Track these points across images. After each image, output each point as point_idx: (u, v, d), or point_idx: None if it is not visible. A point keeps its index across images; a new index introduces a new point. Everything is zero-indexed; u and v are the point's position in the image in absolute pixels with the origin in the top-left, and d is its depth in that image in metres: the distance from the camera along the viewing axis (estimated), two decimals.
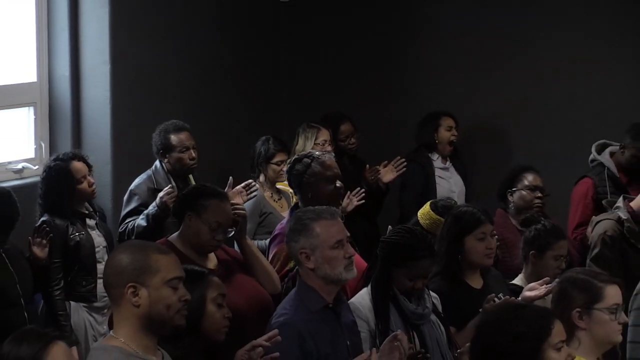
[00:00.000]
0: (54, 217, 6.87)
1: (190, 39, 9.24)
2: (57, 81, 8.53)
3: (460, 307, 5.72)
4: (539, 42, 9.62)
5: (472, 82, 9.78)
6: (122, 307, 4.02)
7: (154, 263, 4.03)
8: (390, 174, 8.35)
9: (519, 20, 9.66)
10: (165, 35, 9.01)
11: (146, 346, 4.02)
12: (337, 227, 5.11)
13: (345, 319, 5.16)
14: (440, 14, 9.90)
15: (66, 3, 8.41)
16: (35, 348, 3.67)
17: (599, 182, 7.89)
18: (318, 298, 5.05)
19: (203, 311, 4.59)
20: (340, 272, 5.04)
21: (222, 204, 5.81)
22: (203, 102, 9.28)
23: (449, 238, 5.91)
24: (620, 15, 9.41)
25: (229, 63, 9.64)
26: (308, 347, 4.91)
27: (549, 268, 6.25)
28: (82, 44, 8.51)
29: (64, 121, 8.50)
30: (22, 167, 8.25)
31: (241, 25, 9.79)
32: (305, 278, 5.10)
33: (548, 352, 3.93)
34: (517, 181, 7.61)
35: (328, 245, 5.03)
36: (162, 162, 7.70)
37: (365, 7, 10.09)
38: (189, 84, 9.22)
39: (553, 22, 9.56)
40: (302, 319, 4.98)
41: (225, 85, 9.59)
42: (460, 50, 9.83)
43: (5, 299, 6.46)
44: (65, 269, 6.86)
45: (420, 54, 9.96)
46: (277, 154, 8.05)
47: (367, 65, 10.11)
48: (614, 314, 4.54)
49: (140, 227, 7.24)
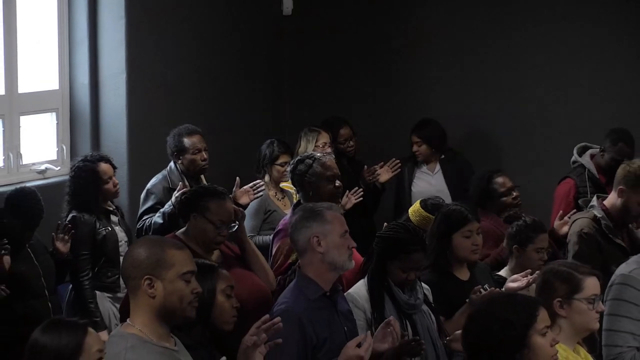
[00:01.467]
0: (82, 214, 6.89)
1: (200, 50, 9.25)
2: (77, 89, 8.57)
3: (449, 297, 5.74)
4: (524, 52, 9.63)
5: (461, 90, 9.80)
6: (139, 298, 4.02)
7: (170, 258, 4.03)
8: (386, 174, 8.36)
9: (506, 33, 9.68)
10: (177, 46, 9.03)
11: (160, 334, 4.02)
12: (343, 220, 5.14)
13: (341, 307, 5.15)
14: (432, 32, 9.89)
15: (85, 17, 8.45)
16: (76, 336, 3.66)
17: (580, 182, 7.89)
18: (316, 287, 5.04)
19: (213, 302, 4.58)
20: (344, 260, 5.04)
21: (223, 202, 5.80)
22: (213, 107, 9.28)
23: (438, 235, 5.92)
24: (599, 23, 9.41)
25: (236, 72, 9.65)
26: (308, 332, 4.90)
27: (532, 260, 6.25)
28: (100, 54, 8.54)
29: (83, 126, 8.53)
30: (46, 168, 8.28)
31: (248, 37, 9.80)
32: (306, 268, 5.08)
33: (534, 337, 3.97)
34: (494, 188, 7.39)
35: (338, 233, 5.05)
36: (176, 163, 7.69)
37: (363, 22, 10.08)
38: (200, 92, 9.24)
39: (538, 33, 9.56)
40: (301, 307, 4.97)
41: (233, 92, 9.60)
42: (450, 63, 9.84)
43: (30, 291, 6.49)
44: (92, 261, 6.87)
45: (414, 66, 9.95)
46: (281, 155, 8.03)
47: (365, 74, 10.11)
48: (592, 303, 4.55)
49: (157, 224, 7.23)
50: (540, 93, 9.57)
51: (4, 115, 8.06)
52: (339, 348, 4.83)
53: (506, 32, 9.63)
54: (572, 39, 9.45)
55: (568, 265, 4.73)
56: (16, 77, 8.14)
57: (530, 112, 9.60)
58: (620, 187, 6.65)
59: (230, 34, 9.57)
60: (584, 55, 9.45)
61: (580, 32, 9.43)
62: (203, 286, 4.42)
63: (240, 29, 9.69)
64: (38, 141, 8.39)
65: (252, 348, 4.23)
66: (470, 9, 9.76)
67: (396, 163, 8.36)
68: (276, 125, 9.75)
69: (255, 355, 4.24)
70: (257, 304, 5.40)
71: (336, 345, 4.89)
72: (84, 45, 8.48)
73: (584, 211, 6.91)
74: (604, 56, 9.40)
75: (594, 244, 6.57)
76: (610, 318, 5.05)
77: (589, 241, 6.57)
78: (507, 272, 6.27)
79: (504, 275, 6.22)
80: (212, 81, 9.37)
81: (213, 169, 7.97)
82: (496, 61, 9.70)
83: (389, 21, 10.00)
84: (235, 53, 9.64)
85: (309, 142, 8.45)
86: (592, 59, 9.43)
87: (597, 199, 6.78)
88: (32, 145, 8.30)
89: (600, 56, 9.41)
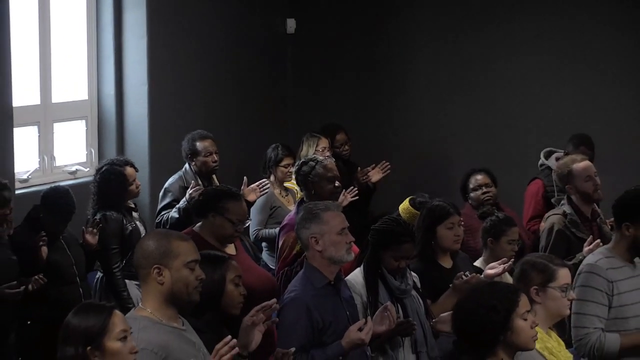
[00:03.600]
0: (111, 212, 6.85)
1: (212, 64, 9.27)
2: (104, 99, 8.60)
3: (434, 283, 5.70)
4: (498, 66, 9.62)
5: (444, 100, 9.82)
6: (149, 285, 4.00)
7: (175, 248, 4.00)
8: (377, 175, 8.35)
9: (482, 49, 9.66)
10: (193, 62, 9.06)
11: (169, 315, 3.99)
12: (341, 218, 5.08)
13: (344, 294, 5.13)
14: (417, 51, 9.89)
15: (112, 35, 8.50)
16: (102, 317, 3.63)
17: (547, 183, 7.83)
18: (321, 277, 5.01)
19: (223, 289, 4.53)
20: (342, 254, 5.01)
21: (240, 203, 5.77)
22: (224, 116, 9.29)
23: (424, 227, 5.88)
24: (565, 40, 9.40)
25: (245, 84, 9.64)
26: (314, 317, 4.89)
27: (505, 251, 6.20)
28: (124, 68, 8.59)
29: (110, 131, 8.56)
30: (76, 170, 8.31)
31: (255, 53, 9.81)
32: (311, 260, 5.06)
33: (517, 320, 3.96)
34: (469, 184, 7.50)
35: (335, 232, 5.00)
36: (190, 164, 7.67)
37: (357, 41, 10.07)
38: (213, 102, 9.25)
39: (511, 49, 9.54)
40: (308, 294, 4.95)
41: (242, 102, 9.60)
42: (433, 78, 9.84)
43: (63, 278, 6.48)
44: (122, 253, 6.83)
45: (401, 80, 9.94)
46: (285, 158, 8.00)
47: (359, 86, 10.10)
48: (564, 292, 4.51)
49: (174, 218, 7.23)
50: (513, 104, 9.57)
51: (40, 123, 8.11)
52: (342, 331, 4.88)
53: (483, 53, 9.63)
54: (541, 55, 9.44)
55: (543, 257, 4.70)
56: (50, 89, 8.19)
57: (503, 121, 9.60)
58: (567, 186, 6.70)
59: (239, 50, 9.58)
60: (550, 69, 9.45)
61: (548, 49, 9.42)
62: (214, 275, 4.46)
63: (248, 46, 9.70)
64: (69, 145, 8.41)
65: (251, 327, 4.29)
66: (451, 32, 9.76)
67: (386, 165, 8.36)
68: (280, 131, 9.73)
69: (255, 332, 4.29)
70: (264, 291, 5.36)
71: (340, 328, 4.91)
72: (110, 60, 8.52)
73: (556, 208, 6.90)
74: (567, 69, 9.39)
75: (564, 237, 6.54)
76: (579, 303, 5.02)
77: (557, 235, 6.55)
78: (481, 263, 6.23)
79: (479, 265, 6.19)
80: (223, 92, 9.37)
81: (223, 170, 7.96)
82: (475, 75, 9.70)
83: (379, 41, 10.00)
84: (244, 67, 9.64)
85: (310, 146, 8.44)
86: (557, 73, 9.42)
87: (567, 197, 6.77)
88: (64, 149, 8.34)
89: (564, 69, 9.40)
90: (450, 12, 9.73)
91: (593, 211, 6.71)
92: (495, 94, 9.64)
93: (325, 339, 4.88)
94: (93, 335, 3.59)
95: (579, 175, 6.67)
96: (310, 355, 4.83)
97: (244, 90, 9.60)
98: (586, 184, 6.66)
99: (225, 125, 9.10)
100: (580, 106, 9.30)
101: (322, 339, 4.88)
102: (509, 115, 9.58)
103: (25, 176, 7.79)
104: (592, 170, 6.71)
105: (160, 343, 3.86)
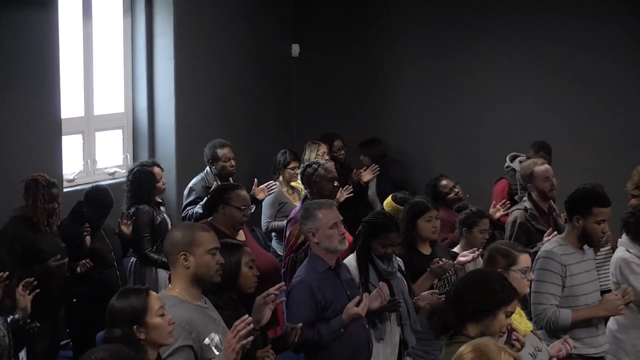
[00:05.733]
0: (143, 205, 6.84)
1: (229, 83, 9.23)
2: (138, 112, 8.58)
3: (415, 267, 5.70)
4: (469, 84, 9.60)
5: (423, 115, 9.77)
6: (177, 269, 3.97)
7: (199, 238, 3.97)
8: (368, 175, 8.38)
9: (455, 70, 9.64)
10: (213, 80, 9.00)
11: (194, 295, 3.97)
12: (334, 214, 5.05)
13: (344, 277, 5.11)
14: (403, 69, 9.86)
15: (144, 57, 8.48)
16: (141, 299, 3.56)
17: (512, 182, 7.81)
18: (322, 263, 5.00)
19: (239, 272, 4.50)
20: (336, 245, 4.99)
21: (240, 191, 5.75)
22: (239, 126, 9.25)
23: (407, 220, 5.86)
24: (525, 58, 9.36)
25: (256, 99, 9.61)
26: (317, 297, 4.89)
27: (477, 239, 6.20)
28: (155, 86, 8.55)
29: (142, 139, 8.55)
30: (114, 171, 8.29)
31: (266, 73, 9.77)
32: (313, 250, 5.06)
33: (500, 315, 3.84)
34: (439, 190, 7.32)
35: (327, 227, 4.98)
36: (211, 168, 7.64)
37: (352, 62, 10.04)
38: (230, 114, 9.21)
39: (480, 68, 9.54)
40: (312, 278, 4.94)
41: (254, 115, 9.56)
42: (416, 96, 9.82)
43: (104, 262, 6.49)
44: (152, 240, 6.81)
45: (388, 96, 9.94)
46: (292, 162, 7.96)
47: (353, 100, 10.07)
48: (524, 274, 4.51)
49: (197, 213, 7.14)
50: (482, 115, 9.54)
51: (84, 132, 8.08)
52: (343, 307, 4.86)
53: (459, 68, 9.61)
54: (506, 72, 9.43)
55: (507, 244, 4.70)
56: (92, 103, 8.15)
57: (474, 129, 9.58)
58: (529, 185, 6.70)
59: (252, 70, 9.55)
60: (514, 84, 9.41)
61: (512, 68, 9.40)
62: (231, 259, 4.39)
63: (259, 67, 9.66)
64: (108, 151, 8.39)
65: (262, 305, 4.28)
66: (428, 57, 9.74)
67: (376, 168, 8.36)
68: (287, 139, 9.70)
69: (266, 310, 4.28)
70: (269, 271, 5.36)
71: (340, 305, 4.89)
72: (143, 79, 8.50)
73: (519, 204, 6.87)
74: (529, 85, 9.36)
75: (525, 228, 6.52)
76: (537, 283, 5.03)
77: (520, 227, 6.54)
78: (459, 249, 6.22)
79: (457, 251, 6.17)
80: (239, 106, 9.33)
81: (239, 172, 7.93)
82: (449, 92, 9.68)
83: (370, 64, 9.97)
84: (256, 85, 9.60)
85: (312, 151, 8.42)
86: (520, 88, 9.40)
87: (528, 195, 6.76)
88: (104, 154, 8.31)
89: (526, 85, 9.37)
90: (427, 43, 9.71)
91: (549, 207, 6.67)
92: (467, 107, 9.61)
93: (328, 315, 4.87)
94: (137, 315, 3.52)
95: (539, 177, 6.63)
96: (317, 329, 4.81)
97: (255, 105, 9.58)
98: (545, 184, 6.62)
99: (240, 134, 9.07)
100: (541, 117, 9.26)
101: (325, 315, 4.87)
102: (479, 124, 9.54)
103: (72, 177, 7.79)
104: (550, 173, 6.68)
105: (186, 319, 3.83)
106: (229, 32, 9.18)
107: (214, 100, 9.01)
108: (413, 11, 9.76)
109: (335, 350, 4.87)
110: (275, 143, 9.09)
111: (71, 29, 7.85)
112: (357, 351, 4.97)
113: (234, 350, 3.67)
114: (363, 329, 5.01)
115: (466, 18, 9.54)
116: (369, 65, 9.98)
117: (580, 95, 9.23)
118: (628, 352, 5.48)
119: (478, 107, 9.58)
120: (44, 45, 7.18)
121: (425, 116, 9.76)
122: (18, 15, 6.96)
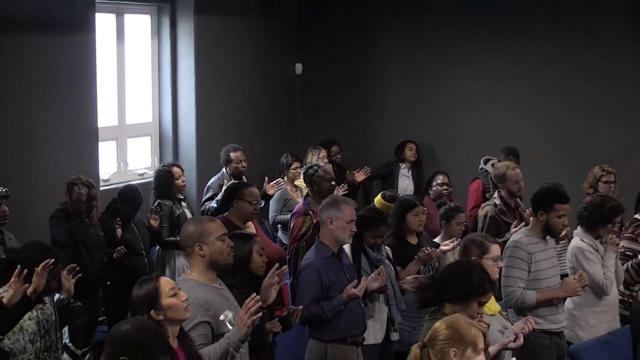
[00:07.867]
0: (164, 200, 6.85)
1: (242, 96, 9.20)
2: (164, 121, 8.58)
3: (403, 255, 5.70)
4: (450, 96, 9.56)
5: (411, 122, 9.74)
6: (194, 257, 3.94)
7: (208, 228, 3.94)
8: (361, 176, 8.35)
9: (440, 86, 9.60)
10: (227, 94, 8.99)
11: (210, 278, 3.94)
12: (352, 212, 5.04)
13: (345, 262, 5.11)
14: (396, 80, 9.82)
15: (169, 75, 8.48)
16: (152, 285, 3.52)
17: (485, 182, 7.77)
18: (328, 249, 5.00)
19: (250, 258, 4.51)
20: (345, 238, 5.00)
21: (252, 188, 5.76)
22: (250, 133, 9.21)
23: (397, 214, 5.87)
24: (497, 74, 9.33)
25: (264, 110, 9.58)
26: (323, 278, 4.90)
27: (455, 230, 6.18)
28: (178, 99, 8.55)
29: (168, 145, 8.54)
30: (143, 173, 8.28)
31: (272, 89, 9.73)
32: (322, 237, 5.05)
33: (473, 304, 3.81)
34: (433, 181, 7.46)
35: (346, 220, 4.97)
36: (226, 168, 7.65)
37: (349, 79, 10.01)
38: (242, 123, 9.18)
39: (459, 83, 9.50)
40: (318, 261, 4.95)
41: (263, 124, 9.55)
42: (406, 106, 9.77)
43: (134, 251, 6.48)
44: (171, 231, 6.80)
45: (382, 108, 9.90)
46: (293, 162, 7.95)
47: (349, 111, 10.05)
48: (495, 262, 4.51)
49: (212, 207, 7.16)
50: (461, 123, 9.52)
51: (117, 139, 8.08)
52: (343, 288, 4.88)
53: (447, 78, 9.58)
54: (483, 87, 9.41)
55: (480, 236, 4.70)
56: (124, 114, 8.15)
57: (454, 136, 9.54)
58: (500, 184, 6.70)
59: (261, 86, 9.53)
60: (488, 99, 9.39)
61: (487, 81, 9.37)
62: (244, 247, 4.41)
63: (267, 83, 9.64)
64: (139, 155, 8.38)
65: (269, 286, 4.30)
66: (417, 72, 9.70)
67: (368, 169, 8.35)
68: (290, 144, 9.65)
69: (272, 290, 4.29)
70: (274, 259, 5.27)
71: (341, 286, 4.92)
72: (168, 93, 8.50)
73: (490, 200, 6.89)
74: (500, 98, 9.34)
75: (495, 221, 6.53)
76: (506, 269, 5.02)
77: (490, 220, 6.55)
78: (440, 239, 6.21)
79: (437, 241, 6.17)
80: (250, 116, 9.31)
81: (250, 171, 7.95)
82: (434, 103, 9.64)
83: (364, 80, 9.94)
84: (265, 99, 9.59)
85: (313, 155, 8.41)
86: (493, 100, 9.36)
87: (497, 192, 6.79)
88: (135, 158, 8.30)
89: (498, 98, 9.35)
90: (415, 60, 9.67)
91: (516, 203, 6.70)
92: (449, 116, 9.58)
93: (331, 294, 4.90)
94: (151, 300, 3.46)
95: (510, 179, 6.64)
96: (320, 304, 4.85)
97: (264, 115, 9.56)
98: (514, 185, 6.64)
99: (251, 139, 9.06)
100: (510, 126, 9.22)
101: (328, 294, 4.90)
102: (458, 131, 9.51)
103: (107, 177, 7.80)
104: (520, 177, 6.69)
105: (204, 298, 3.83)
106: (241, 53, 9.17)
107: (229, 111, 9.01)
108: (402, 38, 9.75)
109: (336, 324, 4.90)
110: (281, 148, 9.06)
111: (106, 50, 7.87)
112: (354, 325, 4.98)
113: (246, 324, 3.71)
114: (359, 307, 5.02)
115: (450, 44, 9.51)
116: (362, 82, 9.97)
117: (545, 107, 9.20)
118: (582, 327, 5.49)
119: (457, 117, 9.55)
120: (83, 64, 7.20)
121: (412, 125, 9.70)
122: (61, 38, 6.99)
